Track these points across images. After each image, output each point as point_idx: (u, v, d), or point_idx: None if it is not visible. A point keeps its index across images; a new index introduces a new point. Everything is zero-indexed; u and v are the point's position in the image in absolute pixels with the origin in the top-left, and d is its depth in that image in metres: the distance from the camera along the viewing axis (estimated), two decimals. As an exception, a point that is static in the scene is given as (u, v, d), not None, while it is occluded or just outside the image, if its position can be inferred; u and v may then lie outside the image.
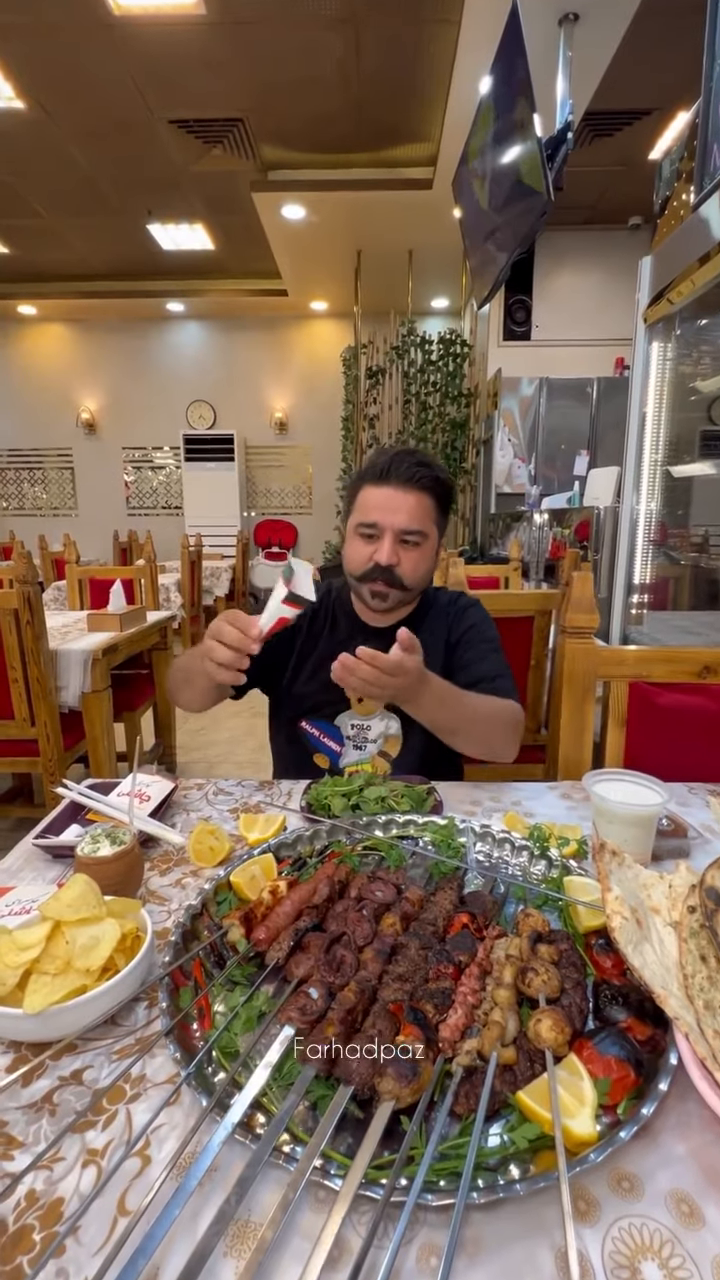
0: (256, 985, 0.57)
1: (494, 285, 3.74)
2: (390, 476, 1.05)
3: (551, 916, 0.69)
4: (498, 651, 1.14)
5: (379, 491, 1.06)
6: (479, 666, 1.11)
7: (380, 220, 5.04)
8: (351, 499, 1.10)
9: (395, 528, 1.04)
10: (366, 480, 1.07)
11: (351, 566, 1.09)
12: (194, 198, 5.19)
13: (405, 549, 1.06)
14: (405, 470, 1.04)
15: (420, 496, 1.05)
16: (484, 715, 1.00)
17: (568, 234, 5.44)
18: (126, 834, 0.72)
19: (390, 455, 1.06)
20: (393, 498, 1.04)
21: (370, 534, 1.06)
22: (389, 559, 1.04)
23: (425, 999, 0.53)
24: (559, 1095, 0.44)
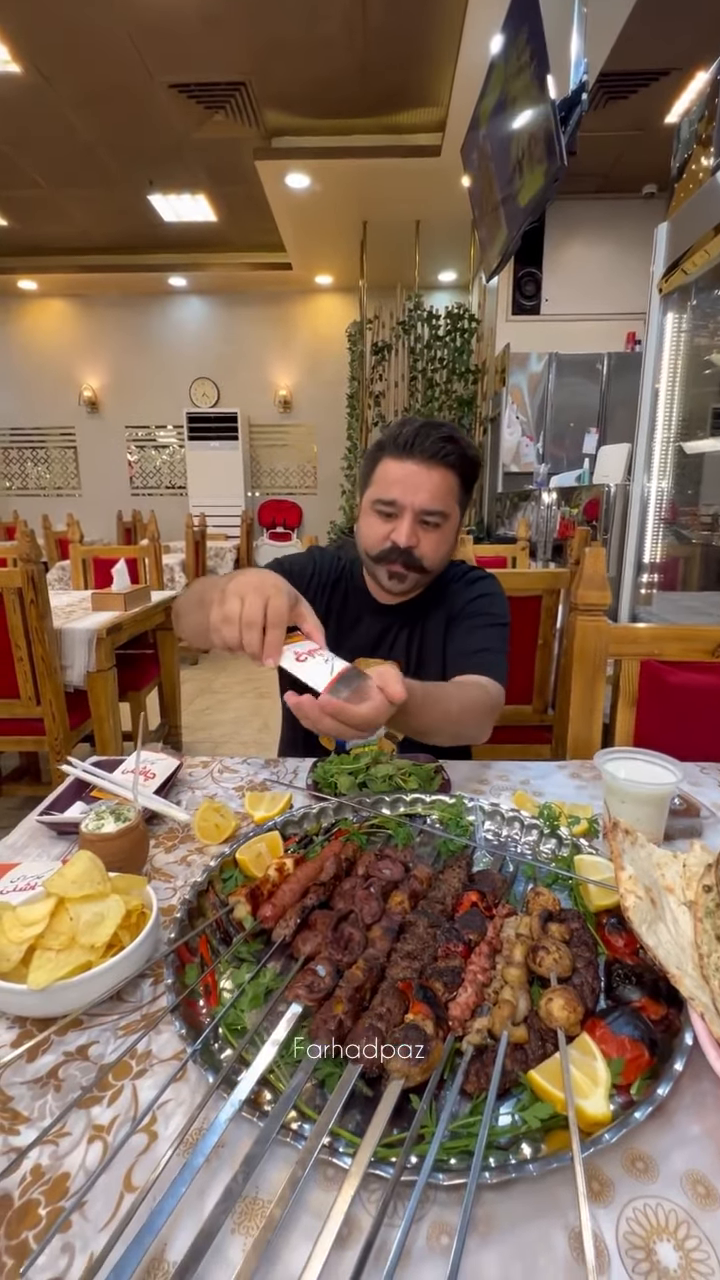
0: (263, 962, 0.56)
1: (503, 256, 3.64)
2: (414, 450, 0.98)
3: (562, 895, 0.68)
4: (495, 626, 1.09)
5: (400, 466, 0.99)
6: (469, 639, 1.07)
7: (387, 189, 4.91)
8: (369, 470, 1.04)
9: (416, 507, 0.98)
10: (387, 452, 1.01)
11: (367, 545, 1.04)
12: (196, 167, 5.06)
13: (425, 530, 1.01)
14: (431, 445, 0.98)
15: (445, 474, 0.99)
16: (457, 712, 0.93)
17: (580, 203, 5.29)
18: (131, 811, 0.71)
19: (415, 427, 0.99)
20: (415, 474, 0.98)
21: (389, 512, 1.00)
22: (408, 540, 0.99)
23: (434, 977, 0.52)
24: (572, 1075, 0.43)
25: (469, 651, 1.05)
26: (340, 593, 1.14)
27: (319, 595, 1.13)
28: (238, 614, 0.69)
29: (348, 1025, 0.47)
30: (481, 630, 1.07)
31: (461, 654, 1.05)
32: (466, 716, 0.94)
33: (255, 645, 0.70)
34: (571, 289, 5.45)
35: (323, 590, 1.13)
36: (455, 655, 1.06)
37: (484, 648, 1.05)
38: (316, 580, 1.13)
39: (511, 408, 5.04)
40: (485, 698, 0.97)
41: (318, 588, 1.13)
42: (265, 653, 0.70)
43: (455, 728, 0.94)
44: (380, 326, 5.92)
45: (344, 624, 1.12)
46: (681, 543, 2.45)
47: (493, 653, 1.05)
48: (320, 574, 1.13)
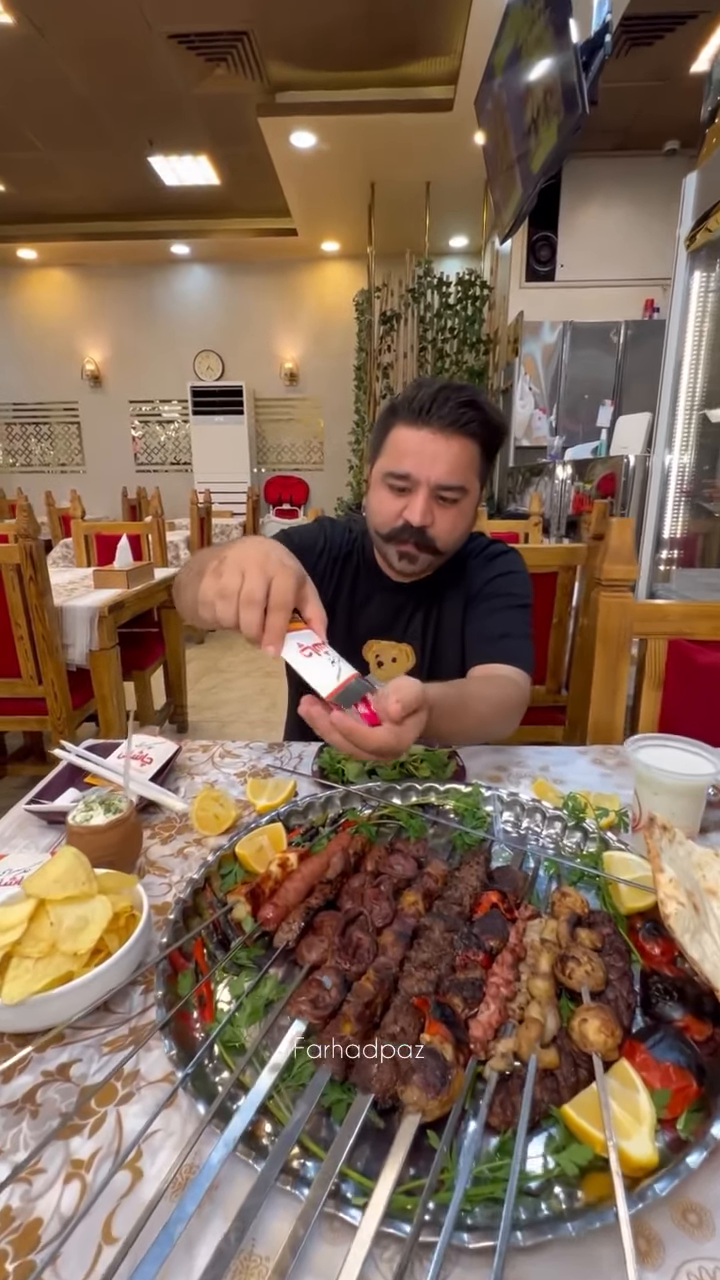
0: (264, 970, 0.51)
1: (518, 216, 3.48)
2: (431, 416, 0.87)
3: (589, 894, 0.62)
4: (518, 608, 1.01)
5: (415, 435, 0.89)
6: (490, 622, 0.99)
7: (396, 148, 4.70)
8: (380, 438, 0.95)
9: (432, 482, 0.89)
10: (401, 417, 0.91)
11: (377, 521, 0.96)
12: (197, 125, 4.86)
13: (441, 507, 0.92)
14: (449, 411, 0.87)
15: (464, 444, 0.89)
16: (489, 714, 0.85)
17: (597, 161, 5.05)
18: (123, 800, 0.66)
19: (433, 390, 0.88)
20: (431, 444, 0.88)
21: (401, 486, 0.91)
22: (422, 519, 0.90)
23: (453, 991, 0.47)
24: (611, 1111, 0.38)
25: (491, 636, 0.97)
26: (350, 569, 1.07)
27: (329, 571, 1.06)
28: (236, 589, 0.60)
29: (356, 1048, 0.42)
30: (503, 613, 1.00)
31: (482, 639, 0.98)
32: (497, 718, 0.87)
33: (255, 628, 0.60)
34: (588, 253, 5.23)
35: (333, 565, 1.06)
36: (476, 639, 0.99)
37: (506, 632, 0.97)
38: (327, 554, 1.06)
39: (524, 379, 4.88)
40: (516, 693, 0.90)
41: (328, 562, 1.05)
42: (266, 638, 0.60)
43: (485, 731, 0.87)
44: (389, 295, 5.73)
45: (354, 603, 1.06)
46: (703, 517, 2.36)
47: (517, 638, 0.97)
48: (330, 548, 1.06)
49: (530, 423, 4.98)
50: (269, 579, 0.60)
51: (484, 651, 0.96)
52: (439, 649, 1.06)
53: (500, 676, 0.92)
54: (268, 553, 0.63)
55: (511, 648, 0.96)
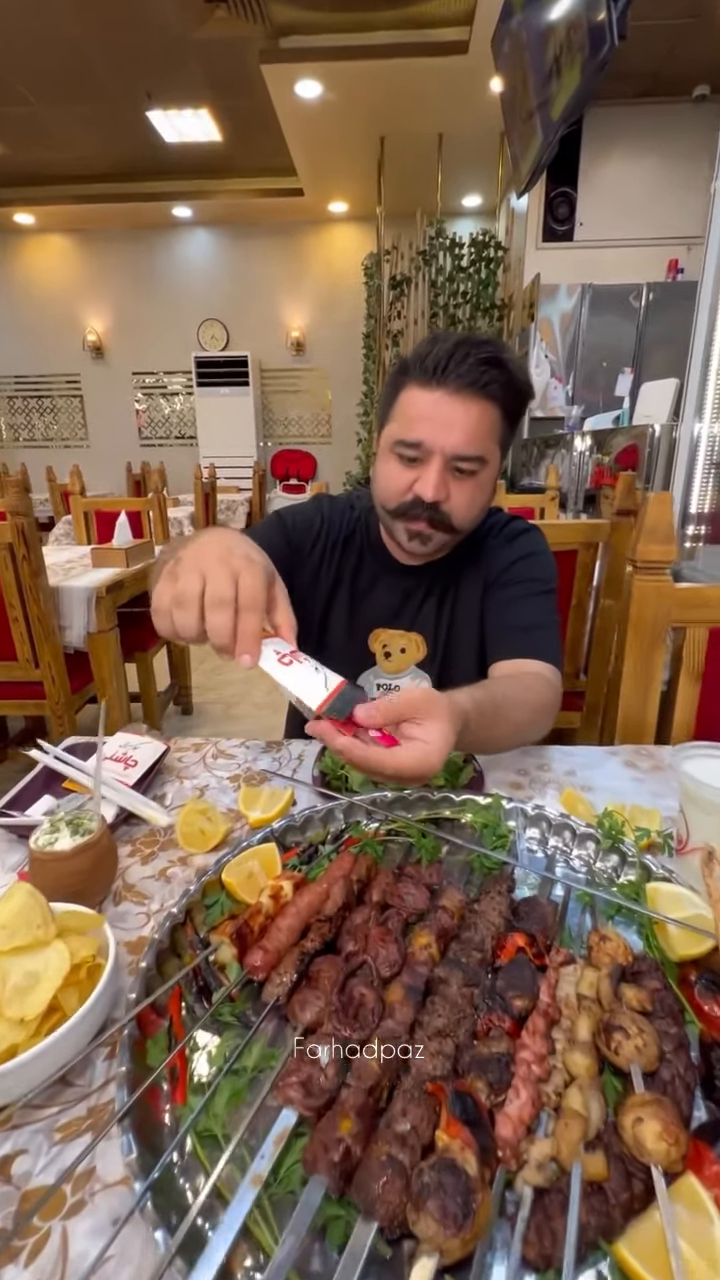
0: (248, 1038, 0.43)
1: (537, 167, 3.27)
2: (446, 376, 0.76)
3: (628, 931, 0.54)
4: (544, 594, 0.91)
5: (428, 397, 0.78)
6: (513, 611, 0.90)
7: (406, 96, 4.43)
8: (390, 400, 0.84)
9: (447, 451, 0.78)
10: (413, 377, 0.80)
11: (384, 496, 0.85)
12: (197, 75, 4.61)
13: (457, 479, 0.81)
14: (468, 369, 0.76)
15: (485, 408, 0.78)
16: (526, 721, 0.76)
17: (621, 109, 4.75)
18: (94, 819, 0.58)
19: (449, 345, 0.76)
20: (447, 408, 0.77)
21: (412, 456, 0.80)
22: (435, 493, 0.79)
23: (475, 1072, 0.39)
24: (680, 1253, 0.30)
25: (516, 628, 0.87)
26: (353, 551, 0.97)
27: (328, 553, 0.96)
28: (198, 592, 0.51)
29: (356, 1153, 0.34)
30: (528, 601, 0.89)
31: (507, 630, 0.88)
32: (533, 724, 0.77)
33: (225, 632, 0.50)
34: (609, 211, 4.95)
35: (333, 548, 0.96)
36: (499, 631, 0.89)
37: (534, 623, 0.87)
38: (325, 536, 0.95)
39: (540, 345, 4.67)
40: (550, 694, 0.81)
41: (327, 544, 0.95)
42: (240, 645, 0.51)
43: (519, 739, 0.78)
44: (399, 258, 5.48)
45: (358, 588, 0.96)
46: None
47: (545, 629, 0.87)
48: (329, 528, 0.96)
49: (546, 392, 4.78)
50: (235, 576, 0.52)
51: (509, 645, 0.87)
52: (453, 638, 0.97)
53: (530, 674, 0.82)
54: (230, 547, 0.55)
55: (540, 641, 0.86)
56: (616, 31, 2.34)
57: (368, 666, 0.97)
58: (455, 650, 0.96)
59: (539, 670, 0.83)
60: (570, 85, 2.89)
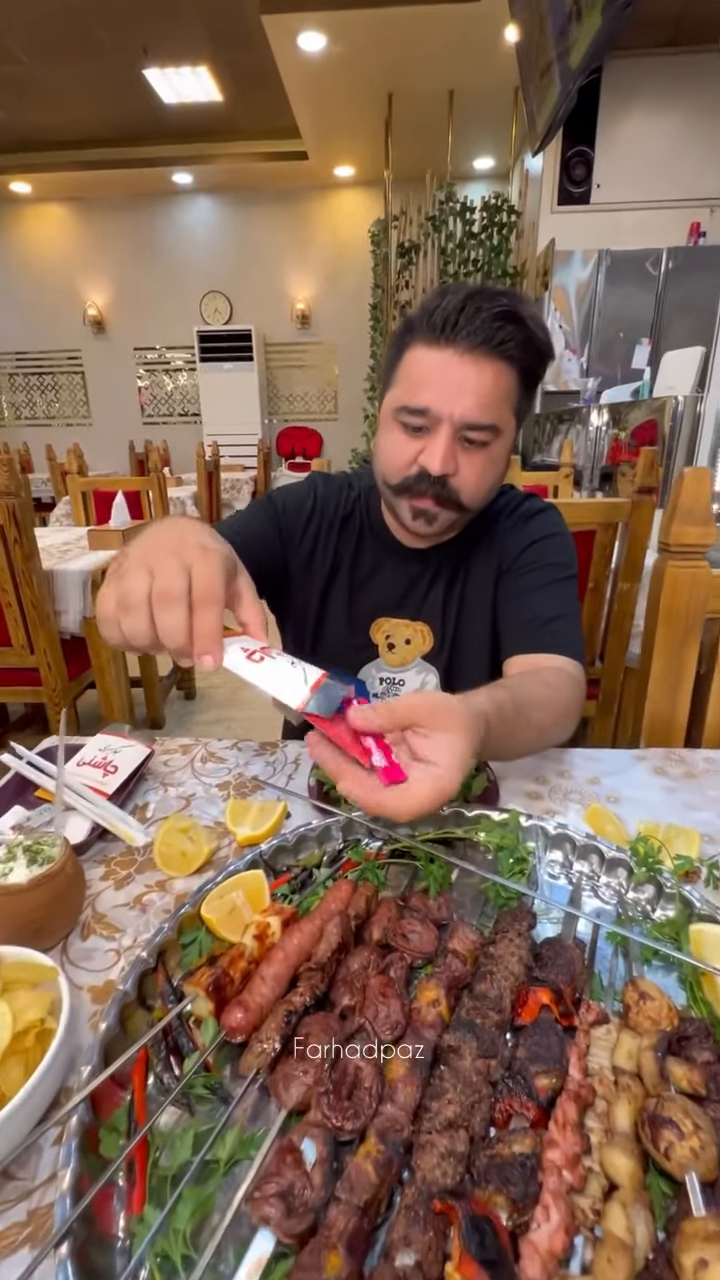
0: (225, 1119, 0.36)
1: (554, 121, 3.09)
2: (456, 334, 0.67)
3: (664, 978, 0.46)
4: (564, 580, 0.83)
5: (436, 357, 0.69)
6: (531, 601, 0.81)
7: (416, 48, 4.20)
8: (393, 362, 0.76)
9: (456, 418, 0.69)
10: (419, 335, 0.70)
11: (387, 470, 0.77)
12: (195, 28, 4.39)
13: (467, 451, 0.72)
14: (481, 325, 0.67)
15: (499, 370, 0.69)
16: (550, 724, 0.68)
17: (643, 60, 4.48)
18: (55, 845, 0.51)
19: (460, 297, 0.67)
20: (457, 369, 0.68)
21: (418, 424, 0.72)
22: (443, 465, 0.71)
23: (493, 1184, 0.32)
24: None
25: (536, 619, 0.78)
26: (352, 533, 0.88)
27: (324, 537, 0.87)
28: (145, 592, 0.44)
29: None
30: (548, 589, 0.81)
31: (524, 623, 0.79)
32: (557, 727, 0.69)
33: (179, 632, 0.44)
34: (629, 170, 4.71)
35: (329, 530, 0.88)
36: (515, 624, 0.80)
37: (555, 614, 0.78)
38: (319, 516, 0.87)
39: (554, 315, 4.48)
40: (574, 693, 0.73)
41: (322, 526, 0.87)
42: (198, 646, 0.44)
43: (543, 743, 0.70)
44: (407, 224, 5.27)
45: (358, 574, 0.88)
46: (758, 467, 2.10)
47: (566, 619, 0.79)
48: (324, 508, 0.88)
49: (560, 365, 4.60)
50: (188, 568, 0.45)
51: (529, 639, 0.78)
52: (462, 628, 0.88)
53: (551, 669, 0.74)
54: (182, 535, 0.49)
55: (563, 634, 0.77)
56: (643, -35, 2.16)
57: (370, 659, 0.89)
58: (464, 641, 0.88)
59: (561, 665, 0.75)
60: (591, 29, 2.70)
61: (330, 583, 0.87)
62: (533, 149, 3.69)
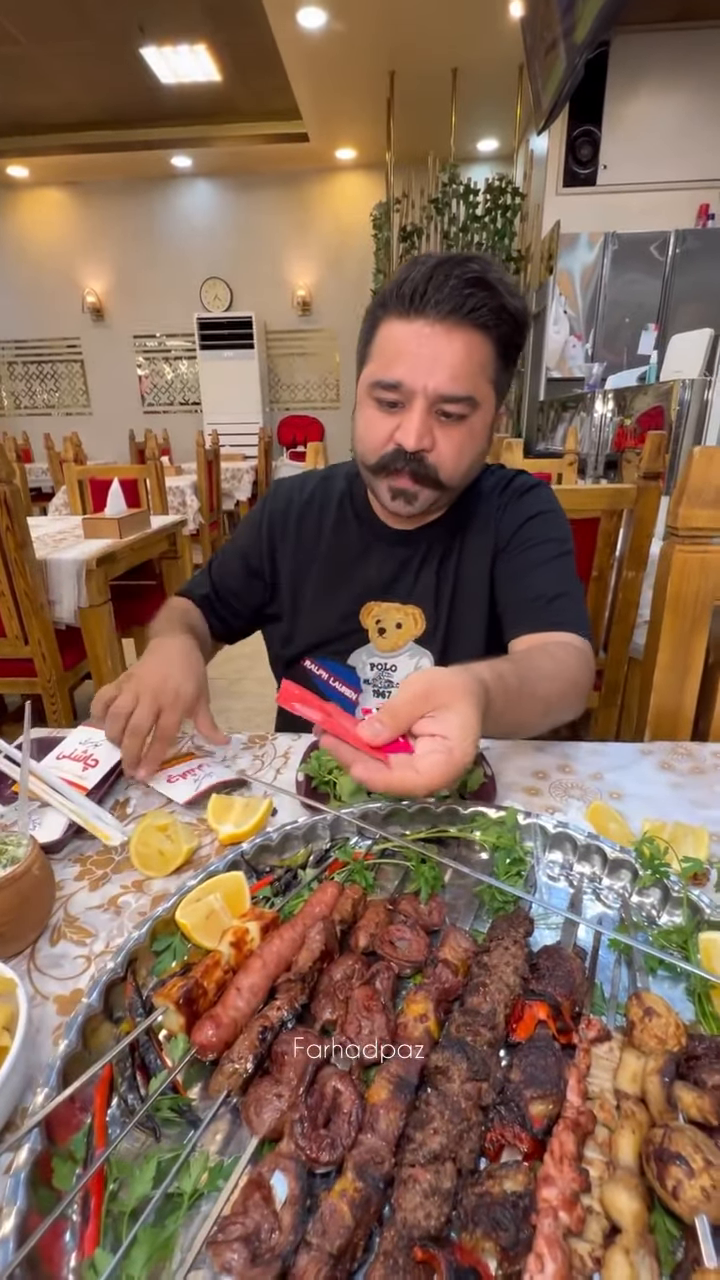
0: (193, 1141, 0.33)
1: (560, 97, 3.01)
2: (425, 304, 0.66)
3: (671, 989, 0.43)
4: (563, 556, 0.81)
5: (408, 330, 0.68)
6: (532, 578, 0.79)
7: (419, 24, 4.09)
8: (367, 339, 0.73)
9: (430, 390, 0.68)
10: (391, 309, 0.69)
11: (364, 449, 0.75)
12: (193, 6, 4.29)
13: (444, 425, 0.70)
14: (450, 293, 0.66)
15: (471, 338, 0.68)
16: (556, 698, 0.67)
17: (652, 36, 4.37)
18: (21, 845, 0.48)
19: (428, 266, 0.67)
20: (429, 340, 0.67)
21: (392, 399, 0.70)
22: (418, 440, 0.69)
23: (482, 1226, 0.29)
24: None
25: (539, 597, 0.76)
26: (336, 518, 0.86)
27: (308, 526, 0.87)
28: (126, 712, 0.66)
29: None
30: (548, 566, 0.78)
31: (526, 602, 0.77)
32: (564, 700, 0.67)
33: (131, 755, 0.66)
34: (636, 151, 4.60)
35: (313, 518, 0.87)
36: (517, 604, 0.78)
37: (561, 591, 0.76)
38: (304, 508, 0.87)
39: (559, 300, 4.40)
40: (583, 666, 0.71)
41: (305, 515, 0.86)
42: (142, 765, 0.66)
43: (550, 718, 0.68)
44: (410, 207, 5.18)
45: (344, 559, 0.85)
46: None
47: (569, 596, 0.76)
48: (306, 499, 0.88)
49: (564, 351, 4.53)
50: (158, 709, 0.67)
51: (531, 618, 0.76)
52: (457, 610, 0.85)
53: (557, 644, 0.72)
54: (165, 676, 0.69)
55: (567, 611, 0.75)
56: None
57: (360, 644, 0.86)
58: (459, 623, 0.84)
59: (567, 640, 0.73)
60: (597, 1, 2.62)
61: (316, 570, 0.85)
62: (538, 127, 3.60)
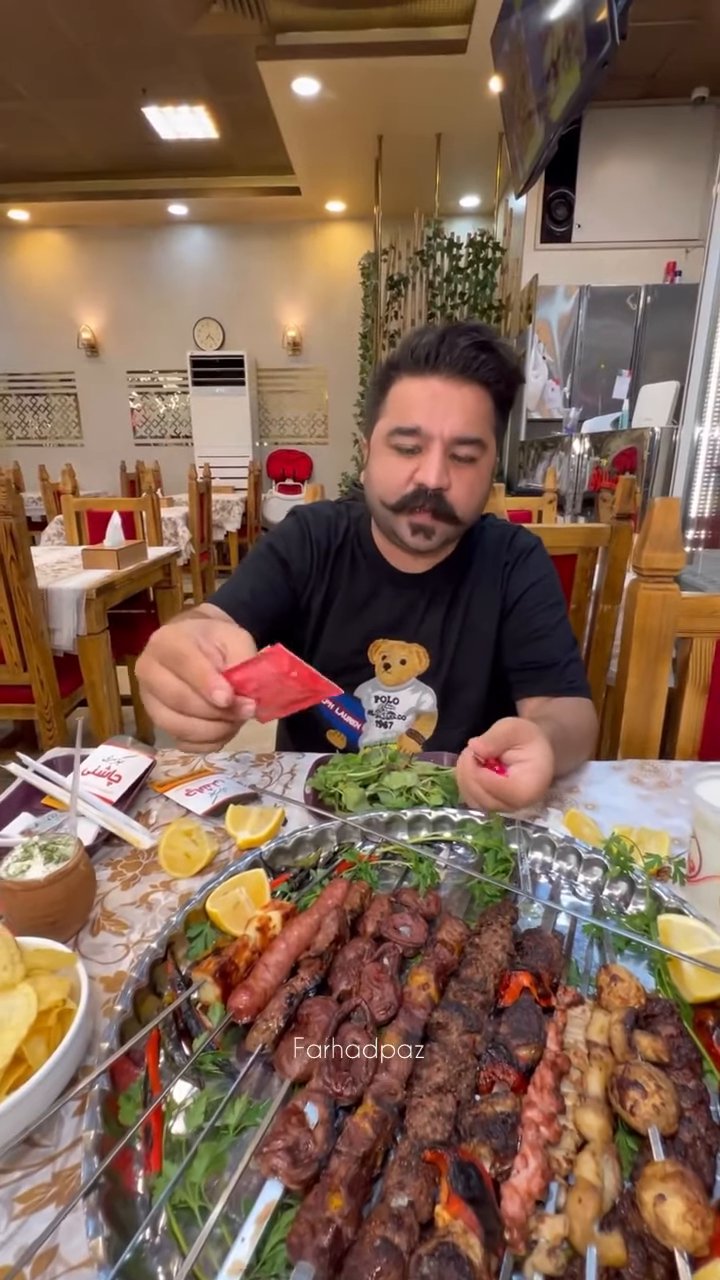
0: (234, 1087, 0.40)
1: (536, 166, 3.25)
2: (438, 364, 0.77)
3: (639, 968, 0.50)
4: (566, 619, 0.91)
5: (423, 385, 0.78)
6: (546, 645, 0.89)
7: (405, 95, 4.40)
8: (379, 397, 0.83)
9: (446, 435, 0.77)
10: (404, 369, 0.80)
11: (385, 491, 0.83)
12: (194, 71, 4.57)
13: (458, 466, 0.80)
14: (459, 355, 0.76)
15: (478, 392, 0.78)
16: (581, 749, 0.81)
17: (620, 111, 4.74)
18: (70, 844, 0.54)
19: (438, 333, 0.77)
20: (444, 394, 0.77)
21: (411, 445, 0.79)
22: (439, 479, 0.78)
23: (479, 1136, 0.35)
24: None
25: (557, 664, 0.87)
26: (346, 561, 0.93)
27: (320, 568, 0.92)
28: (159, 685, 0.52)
29: (347, 1236, 0.31)
30: (557, 631, 0.89)
31: (545, 668, 0.87)
32: (583, 751, 0.81)
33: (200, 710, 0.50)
34: (607, 212, 4.94)
35: (323, 560, 0.93)
36: (532, 668, 0.88)
37: (570, 658, 0.87)
38: (314, 549, 0.92)
39: (538, 347, 4.65)
40: (594, 721, 0.85)
41: (316, 557, 0.92)
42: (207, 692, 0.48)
43: (578, 761, 0.81)
44: (396, 258, 5.45)
45: (354, 599, 0.92)
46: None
47: (578, 662, 0.88)
48: (317, 542, 0.93)
49: (543, 394, 4.76)
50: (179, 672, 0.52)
51: (547, 682, 0.87)
52: (461, 653, 0.93)
53: (576, 704, 0.85)
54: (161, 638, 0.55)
55: (577, 676, 0.88)
56: (618, 31, 2.32)
57: (367, 678, 0.94)
58: (462, 663, 0.93)
59: (580, 701, 0.85)
60: (569, 86, 2.87)
61: (328, 609, 0.92)
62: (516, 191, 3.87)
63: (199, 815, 0.70)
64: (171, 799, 0.73)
